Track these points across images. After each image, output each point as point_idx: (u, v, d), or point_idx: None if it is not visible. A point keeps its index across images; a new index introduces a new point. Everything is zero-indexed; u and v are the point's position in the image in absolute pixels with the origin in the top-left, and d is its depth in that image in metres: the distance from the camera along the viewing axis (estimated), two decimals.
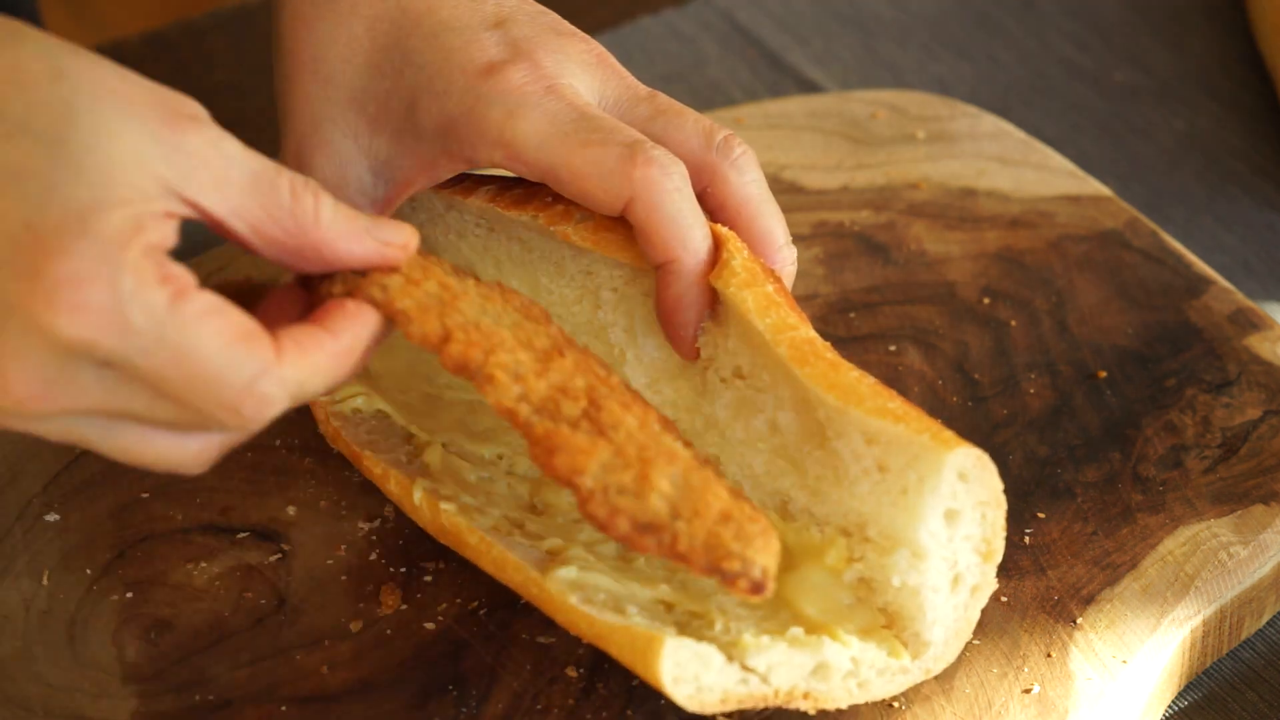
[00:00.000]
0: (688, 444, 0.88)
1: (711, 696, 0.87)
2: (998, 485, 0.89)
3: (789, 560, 0.92)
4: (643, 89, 0.99)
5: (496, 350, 0.86)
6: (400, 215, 1.04)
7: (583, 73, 0.98)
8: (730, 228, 0.97)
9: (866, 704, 0.91)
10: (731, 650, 0.87)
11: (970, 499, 0.88)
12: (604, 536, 0.93)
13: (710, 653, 0.86)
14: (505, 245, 1.02)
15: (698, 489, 0.84)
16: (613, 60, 1.00)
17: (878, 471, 0.89)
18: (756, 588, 0.83)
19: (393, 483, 0.98)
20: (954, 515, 0.89)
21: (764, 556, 0.83)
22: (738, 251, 0.94)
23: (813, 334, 0.93)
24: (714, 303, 0.95)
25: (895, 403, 0.89)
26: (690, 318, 0.95)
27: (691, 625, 0.90)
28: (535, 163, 0.95)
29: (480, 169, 0.97)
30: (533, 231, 1.00)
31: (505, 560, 0.92)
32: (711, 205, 0.97)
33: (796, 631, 0.89)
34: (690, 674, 0.86)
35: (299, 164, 0.99)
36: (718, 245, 0.95)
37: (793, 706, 0.89)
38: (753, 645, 0.87)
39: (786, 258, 0.98)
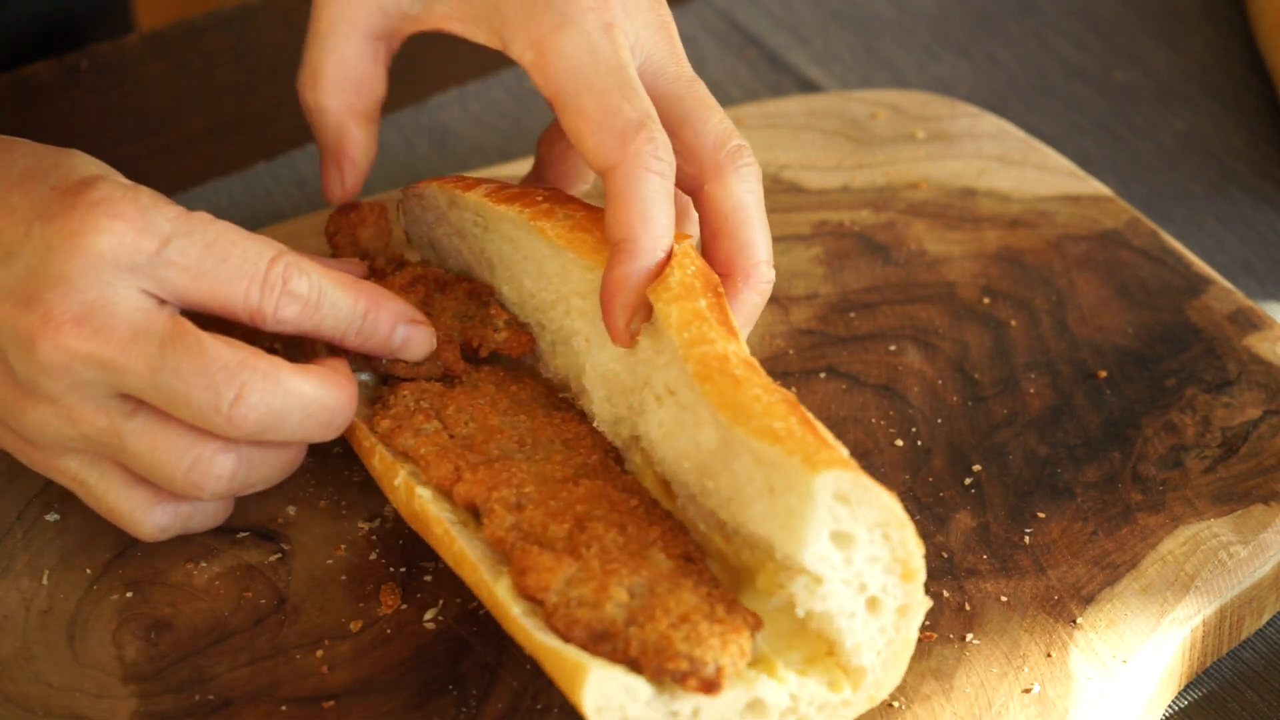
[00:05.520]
0: (692, 557, 0.90)
1: None
2: (889, 504, 0.85)
3: (736, 586, 0.91)
4: (688, 72, 1.00)
5: (500, 487, 0.93)
6: (411, 214, 1.06)
7: (644, 31, 0.99)
8: (716, 233, 0.97)
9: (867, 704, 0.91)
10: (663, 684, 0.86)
11: (860, 521, 0.85)
12: None
13: (638, 685, 0.85)
14: (498, 245, 1.02)
15: (660, 595, 0.87)
16: (674, 34, 1.01)
17: (768, 493, 0.87)
18: (708, 686, 0.85)
19: (376, 459, 0.98)
20: (845, 539, 0.86)
21: (718, 655, 0.85)
22: (680, 268, 0.94)
23: (730, 350, 0.91)
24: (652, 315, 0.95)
25: (786, 422, 0.87)
26: (628, 301, 0.94)
27: None
28: (553, 80, 0.96)
29: (509, 56, 0.99)
30: (519, 229, 1.00)
31: (463, 557, 0.92)
32: (706, 206, 0.98)
33: None
34: (615, 704, 0.85)
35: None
36: (669, 256, 0.95)
37: None
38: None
39: (763, 275, 0.98)
